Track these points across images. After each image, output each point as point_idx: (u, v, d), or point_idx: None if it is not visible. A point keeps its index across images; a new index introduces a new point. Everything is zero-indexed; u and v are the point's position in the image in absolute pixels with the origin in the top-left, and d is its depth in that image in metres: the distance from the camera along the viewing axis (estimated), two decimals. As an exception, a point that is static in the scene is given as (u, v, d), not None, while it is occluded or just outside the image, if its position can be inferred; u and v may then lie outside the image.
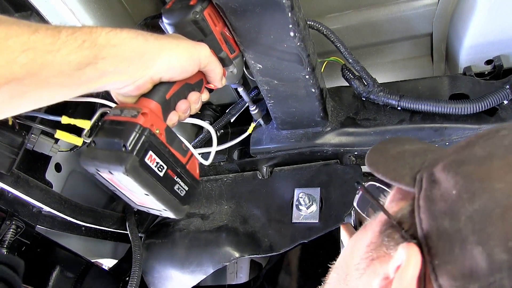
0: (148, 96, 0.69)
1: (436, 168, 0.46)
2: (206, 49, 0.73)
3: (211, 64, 0.75)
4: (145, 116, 0.67)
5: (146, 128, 0.66)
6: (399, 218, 0.48)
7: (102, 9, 0.96)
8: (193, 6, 0.73)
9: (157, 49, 0.66)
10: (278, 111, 0.97)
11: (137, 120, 0.66)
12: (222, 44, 0.79)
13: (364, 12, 1.15)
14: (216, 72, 0.77)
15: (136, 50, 0.63)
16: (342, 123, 1.00)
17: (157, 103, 0.69)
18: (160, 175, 0.69)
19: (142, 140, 0.65)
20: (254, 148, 1.05)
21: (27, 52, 0.52)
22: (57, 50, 0.55)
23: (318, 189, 0.97)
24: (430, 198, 0.44)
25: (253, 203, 1.04)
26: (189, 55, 0.71)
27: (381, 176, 0.53)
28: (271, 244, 0.95)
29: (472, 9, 0.93)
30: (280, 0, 0.69)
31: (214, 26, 0.76)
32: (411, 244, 0.42)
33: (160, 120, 0.70)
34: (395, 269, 0.43)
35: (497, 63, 1.00)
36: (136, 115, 0.66)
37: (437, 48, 1.20)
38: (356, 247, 0.54)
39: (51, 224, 1.02)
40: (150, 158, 0.67)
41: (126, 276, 1.00)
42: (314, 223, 0.93)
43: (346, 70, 0.99)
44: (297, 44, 0.78)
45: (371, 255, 0.49)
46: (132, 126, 0.65)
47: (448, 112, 0.91)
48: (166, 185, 0.70)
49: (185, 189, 0.74)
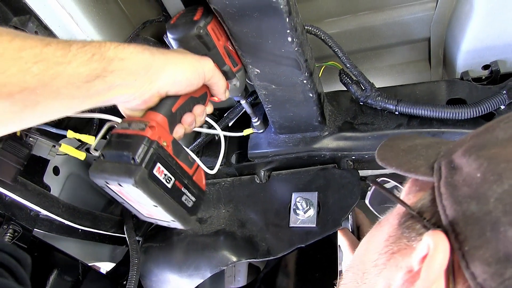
0: (155, 110, 0.72)
1: (455, 154, 0.45)
2: (210, 63, 0.76)
3: (215, 77, 0.77)
4: (153, 129, 0.68)
5: (153, 141, 0.68)
6: (419, 208, 0.47)
7: (100, 13, 0.96)
8: (197, 21, 0.76)
9: (163, 63, 0.68)
10: (276, 115, 0.97)
11: (145, 133, 0.67)
12: (225, 58, 0.82)
13: (362, 17, 1.15)
14: (219, 85, 0.79)
15: (143, 64, 0.65)
16: (340, 127, 1.00)
17: (163, 116, 0.71)
18: (168, 187, 0.71)
19: (151, 152, 0.67)
20: (252, 152, 1.06)
21: (39, 63, 0.54)
22: (68, 62, 0.56)
23: (316, 193, 0.97)
24: (451, 184, 0.43)
25: (250, 207, 1.04)
26: (194, 69, 0.73)
27: (395, 169, 0.52)
28: (269, 248, 0.95)
29: (469, 14, 0.93)
30: (277, 6, 0.70)
31: (217, 41, 0.79)
32: (437, 231, 0.41)
33: (166, 133, 0.72)
34: (420, 260, 0.42)
35: (494, 68, 1.01)
36: (143, 128, 0.68)
37: (434, 53, 1.21)
38: (371, 243, 0.53)
39: (49, 228, 1.01)
40: (158, 170, 0.68)
41: (124, 280, 1.00)
42: (311, 227, 0.93)
43: (343, 75, 0.99)
44: (294, 49, 0.78)
45: (391, 249, 0.48)
46: (140, 139, 0.67)
47: (445, 117, 0.91)
48: (174, 196, 0.72)
49: (193, 200, 0.76)
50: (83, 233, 1.10)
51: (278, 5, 0.70)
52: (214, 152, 1.17)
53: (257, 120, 1.04)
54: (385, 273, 0.47)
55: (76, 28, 0.92)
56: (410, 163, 0.51)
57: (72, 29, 0.92)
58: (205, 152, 1.18)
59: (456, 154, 0.45)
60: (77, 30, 0.93)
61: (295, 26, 0.75)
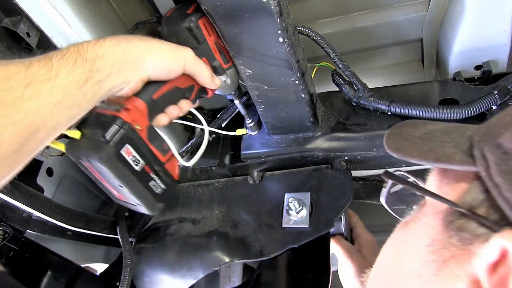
0: (136, 95, 0.74)
1: (502, 138, 0.40)
2: (189, 52, 0.77)
3: (196, 66, 0.79)
4: (128, 111, 0.71)
5: (126, 123, 0.70)
6: (469, 204, 0.41)
7: (92, 14, 0.96)
8: (189, 14, 0.79)
9: (142, 50, 0.71)
10: (268, 116, 0.98)
11: (119, 114, 0.70)
12: (216, 53, 0.83)
13: (355, 18, 1.15)
14: (204, 75, 0.81)
15: (122, 55, 0.67)
16: (333, 128, 1.00)
17: (143, 101, 0.73)
18: (135, 169, 0.72)
19: (121, 133, 0.69)
20: (245, 153, 1.06)
21: (29, 86, 0.55)
22: (55, 75, 0.58)
23: (309, 193, 0.97)
24: (509, 172, 0.38)
25: (243, 207, 1.04)
26: (174, 55, 0.75)
27: (418, 159, 0.46)
28: (261, 249, 0.95)
29: (461, 15, 0.93)
30: (268, 6, 0.70)
31: (208, 36, 0.81)
32: (510, 230, 0.35)
33: (143, 118, 0.73)
34: (490, 266, 0.36)
35: (486, 69, 1.01)
36: (119, 109, 0.71)
37: (427, 53, 1.21)
38: (404, 250, 0.47)
39: (42, 229, 1.01)
40: (127, 151, 0.70)
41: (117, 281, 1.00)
42: (304, 227, 0.93)
43: (336, 75, 0.99)
44: (286, 50, 0.78)
45: (441, 256, 0.41)
46: (113, 119, 0.69)
47: (437, 117, 0.92)
48: (141, 179, 0.74)
49: (162, 187, 0.77)
50: (77, 234, 1.10)
51: (268, 6, 0.70)
52: (208, 153, 1.17)
53: (251, 122, 1.04)
54: (439, 285, 0.41)
55: (68, 29, 0.92)
56: (437, 151, 0.45)
57: (64, 30, 0.92)
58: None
59: (504, 138, 0.40)
60: (69, 31, 0.93)
61: (286, 26, 0.75)
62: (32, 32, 0.87)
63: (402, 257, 0.46)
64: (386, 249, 0.53)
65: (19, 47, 0.87)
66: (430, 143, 0.48)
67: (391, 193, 0.62)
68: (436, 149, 0.46)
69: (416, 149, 0.48)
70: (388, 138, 0.55)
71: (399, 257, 0.47)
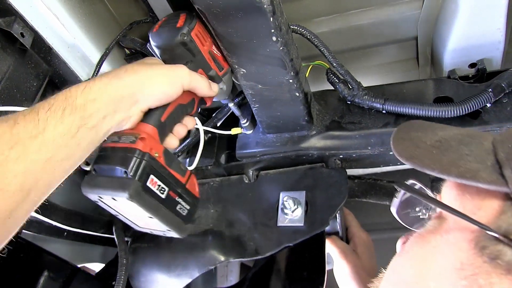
0: (144, 121, 0.71)
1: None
2: (184, 70, 0.74)
3: (193, 82, 0.76)
4: (143, 141, 0.68)
5: (145, 153, 0.68)
6: (504, 230, 0.38)
7: (87, 14, 0.96)
8: (180, 28, 0.76)
9: (136, 83, 0.67)
10: (263, 115, 0.98)
11: (136, 146, 0.67)
12: (211, 62, 0.82)
13: (350, 16, 1.15)
14: (201, 86, 0.78)
15: (114, 94, 0.64)
16: (328, 126, 1.00)
17: (153, 126, 0.71)
18: (162, 198, 0.70)
19: (143, 165, 0.67)
20: (240, 152, 1.06)
21: (15, 147, 0.52)
22: (43, 130, 0.55)
23: (304, 192, 0.97)
24: None
25: (239, 207, 1.04)
26: (169, 79, 0.72)
27: (437, 172, 0.43)
28: (257, 248, 0.95)
29: (455, 13, 0.94)
30: (261, 5, 0.70)
31: (202, 46, 0.79)
32: None
33: (157, 143, 0.71)
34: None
35: (481, 66, 1.01)
36: (134, 140, 0.68)
37: (422, 52, 1.21)
38: (430, 270, 0.43)
39: (38, 230, 1.01)
40: (152, 181, 0.68)
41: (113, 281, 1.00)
42: (299, 226, 0.93)
43: (331, 74, 0.99)
44: (279, 49, 0.78)
45: (475, 281, 0.38)
46: (132, 152, 0.67)
47: (432, 115, 0.92)
48: (168, 206, 0.72)
49: (187, 208, 0.76)
50: (73, 234, 1.09)
51: (261, 5, 0.70)
52: (204, 153, 1.17)
53: (246, 121, 1.04)
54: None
55: (62, 29, 0.92)
56: (459, 165, 0.43)
57: (58, 30, 0.92)
58: (194, 152, 1.18)
59: None
60: (63, 31, 0.93)
61: (280, 25, 0.75)
62: (26, 33, 0.86)
63: (426, 276, 0.43)
64: (402, 263, 0.49)
65: (13, 47, 0.86)
66: (448, 154, 0.46)
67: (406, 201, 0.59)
68: (457, 162, 0.43)
69: (434, 160, 0.45)
70: (396, 142, 0.51)
71: (423, 276, 0.44)
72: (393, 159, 1.01)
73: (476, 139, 0.47)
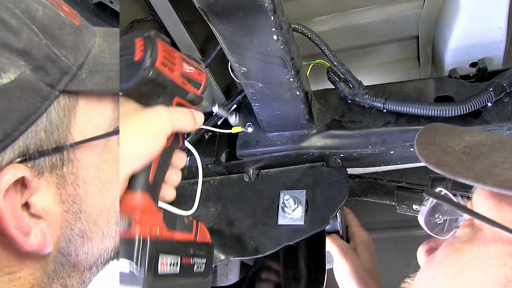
0: (130, 188, 0.59)
1: None
2: (163, 115, 0.62)
3: (176, 124, 0.64)
4: (139, 223, 0.56)
5: (146, 238, 0.55)
6: None
7: (87, 12, 0.96)
8: (140, 62, 0.59)
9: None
10: (263, 114, 0.98)
11: (134, 232, 0.55)
12: (186, 85, 0.67)
13: (350, 15, 1.15)
14: (186, 124, 0.66)
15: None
16: (328, 125, 1.00)
17: (142, 192, 0.59)
18: (177, 271, 0.61)
19: (149, 251, 0.55)
20: (241, 151, 1.06)
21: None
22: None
23: (304, 191, 0.97)
24: None
25: (239, 205, 1.04)
26: (151, 135, 0.60)
27: (471, 181, 0.41)
28: (257, 247, 0.95)
29: (456, 12, 0.93)
30: (262, 4, 0.69)
31: (172, 73, 0.63)
32: None
33: (154, 213, 0.60)
34: None
35: (481, 66, 1.01)
36: (129, 224, 0.56)
37: (423, 51, 1.21)
38: (469, 285, 0.41)
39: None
40: (162, 263, 0.58)
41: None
42: (299, 225, 0.93)
43: (331, 73, 0.99)
44: (280, 47, 0.78)
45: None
46: (131, 243, 0.55)
47: (433, 115, 0.92)
48: (186, 275, 0.63)
49: (204, 262, 0.67)
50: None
51: (262, 4, 0.69)
52: (204, 151, 1.17)
53: (235, 121, 0.99)
54: None
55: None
56: (495, 174, 0.40)
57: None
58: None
59: None
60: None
61: (280, 24, 0.75)
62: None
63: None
64: (433, 275, 0.47)
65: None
66: (480, 161, 0.43)
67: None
68: (492, 170, 0.41)
69: (466, 168, 0.43)
70: (421, 147, 0.48)
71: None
72: (393, 159, 1.01)
73: (508, 145, 0.45)
